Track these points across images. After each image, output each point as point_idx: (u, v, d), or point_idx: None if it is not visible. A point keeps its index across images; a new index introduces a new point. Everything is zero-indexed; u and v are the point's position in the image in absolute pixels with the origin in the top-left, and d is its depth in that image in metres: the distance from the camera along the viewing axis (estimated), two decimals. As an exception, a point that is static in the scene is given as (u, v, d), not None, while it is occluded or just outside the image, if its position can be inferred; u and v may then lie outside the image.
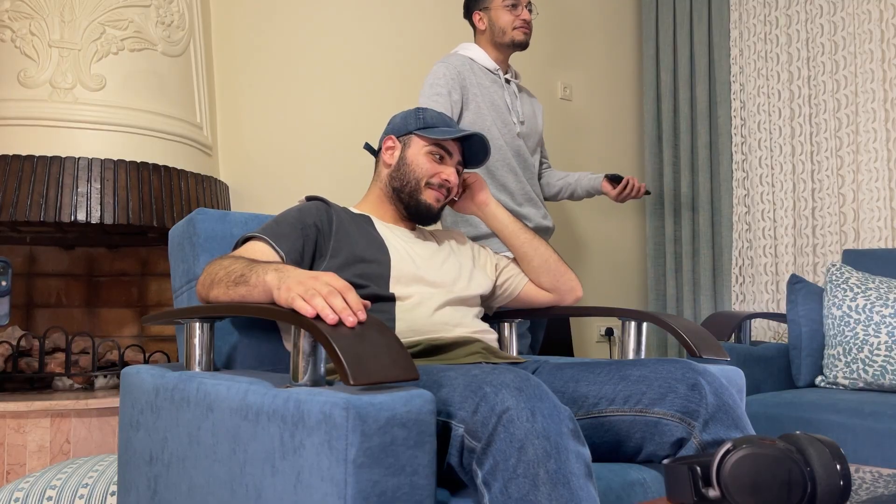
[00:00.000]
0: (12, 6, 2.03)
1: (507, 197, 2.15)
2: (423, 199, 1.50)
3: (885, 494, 0.95)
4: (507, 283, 1.63)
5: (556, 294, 1.64)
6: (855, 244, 2.76)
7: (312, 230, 1.38)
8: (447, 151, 1.52)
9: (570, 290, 1.64)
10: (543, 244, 1.64)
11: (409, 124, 1.53)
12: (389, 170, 1.53)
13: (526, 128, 2.22)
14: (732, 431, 1.11)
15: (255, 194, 2.51)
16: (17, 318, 2.28)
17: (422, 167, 1.50)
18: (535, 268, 1.62)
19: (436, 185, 1.50)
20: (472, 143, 1.55)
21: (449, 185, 1.51)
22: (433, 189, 1.50)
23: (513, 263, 1.67)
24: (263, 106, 2.55)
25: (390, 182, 1.53)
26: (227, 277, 1.14)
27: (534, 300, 1.65)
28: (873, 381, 2.11)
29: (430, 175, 1.50)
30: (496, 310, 1.69)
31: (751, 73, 3.11)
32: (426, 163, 1.50)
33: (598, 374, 1.23)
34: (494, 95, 2.15)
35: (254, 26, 2.55)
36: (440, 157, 1.51)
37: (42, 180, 1.93)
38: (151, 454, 1.23)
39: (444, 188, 1.51)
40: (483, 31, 2.20)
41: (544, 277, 1.62)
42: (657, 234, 3.36)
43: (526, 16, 2.17)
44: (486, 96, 2.14)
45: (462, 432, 0.94)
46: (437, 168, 1.51)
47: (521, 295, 1.64)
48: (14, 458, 1.86)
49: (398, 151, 1.53)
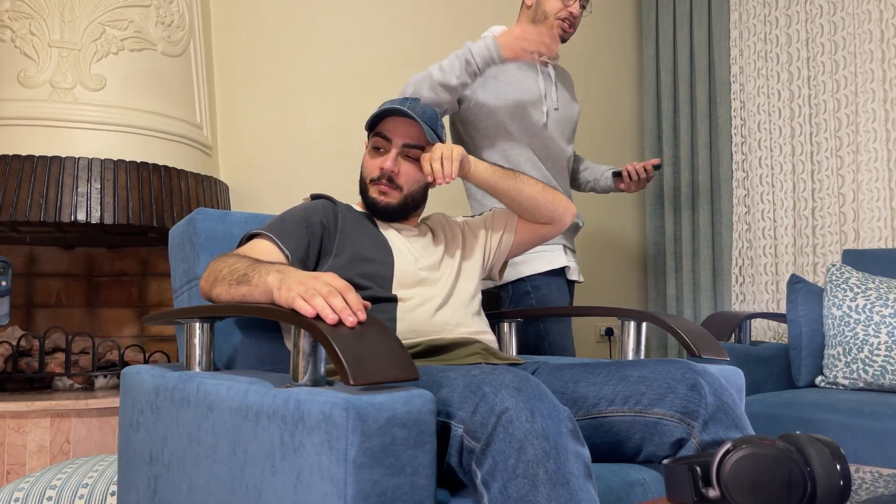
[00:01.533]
0: (12, 6, 2.03)
1: None
2: (370, 195, 1.47)
3: (885, 494, 0.95)
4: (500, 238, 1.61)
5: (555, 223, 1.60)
6: (855, 244, 2.76)
7: (318, 228, 1.38)
8: (385, 139, 1.46)
9: (565, 210, 1.59)
10: (527, 181, 1.57)
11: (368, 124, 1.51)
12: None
13: (560, 114, 2.06)
14: (732, 431, 1.11)
15: (255, 194, 2.51)
16: (17, 318, 2.28)
17: (365, 166, 1.49)
18: (526, 208, 1.57)
19: (376, 178, 1.46)
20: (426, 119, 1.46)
21: (384, 172, 1.45)
22: (376, 184, 1.46)
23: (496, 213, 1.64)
24: (263, 106, 2.55)
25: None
26: (230, 276, 1.14)
27: (534, 236, 1.62)
28: (873, 381, 2.11)
29: (371, 171, 1.47)
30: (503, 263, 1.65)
31: (751, 73, 3.11)
32: (368, 160, 1.49)
33: (597, 374, 1.23)
34: (523, 80, 1.99)
35: (254, 26, 2.55)
36: (379, 148, 1.47)
37: (42, 180, 1.93)
38: (151, 454, 1.23)
39: (384, 177, 1.45)
40: (528, 8, 2.04)
41: (537, 211, 1.58)
42: (657, 234, 3.36)
43: (575, 10, 2.00)
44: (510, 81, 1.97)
45: (461, 432, 0.94)
46: (376, 161, 1.47)
47: (518, 238, 1.62)
48: (14, 458, 1.86)
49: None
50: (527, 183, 1.56)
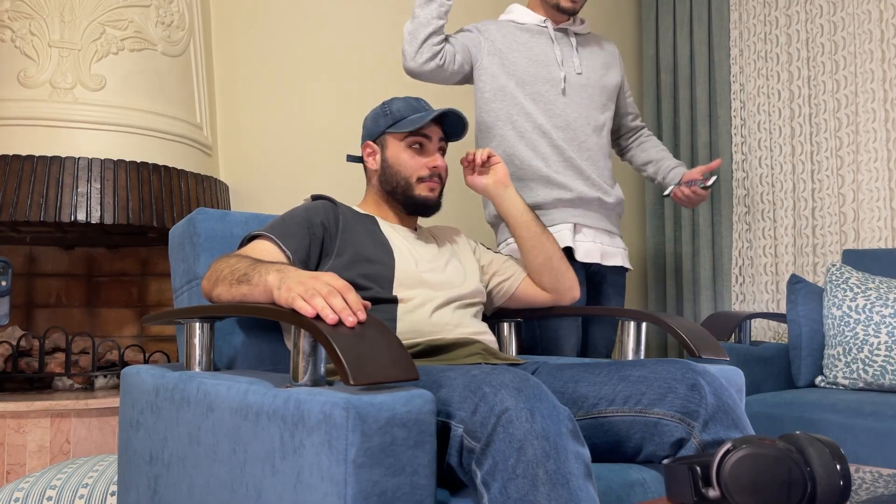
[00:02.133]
0: (12, 6, 2.03)
1: (541, 162, 1.94)
2: (418, 194, 1.50)
3: (885, 494, 0.95)
4: (501, 284, 1.63)
5: (555, 294, 1.62)
6: (855, 244, 2.76)
7: (319, 229, 1.38)
8: (425, 136, 1.50)
9: (569, 289, 1.63)
10: (551, 240, 1.61)
11: (380, 124, 1.52)
12: (377, 175, 1.53)
13: (585, 79, 2.00)
14: (732, 431, 1.11)
15: (255, 194, 2.51)
16: (17, 318, 2.28)
17: (406, 165, 1.49)
18: (539, 265, 1.60)
19: (426, 177, 1.49)
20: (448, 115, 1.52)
21: (438, 170, 1.50)
22: (425, 182, 1.50)
23: (510, 261, 1.67)
24: (263, 106, 2.55)
25: (382, 186, 1.53)
26: (230, 276, 1.14)
27: (531, 299, 1.64)
28: (873, 381, 2.11)
29: (418, 170, 1.49)
30: (493, 310, 1.68)
31: (751, 73, 3.11)
32: (409, 159, 1.49)
33: (597, 374, 1.23)
34: (534, 46, 1.97)
35: (254, 26, 2.55)
36: (420, 145, 1.50)
37: (42, 180, 1.93)
38: (151, 454, 1.23)
39: (436, 175, 1.51)
40: None
41: (545, 276, 1.61)
42: (657, 234, 3.36)
43: None
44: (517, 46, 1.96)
45: (461, 432, 0.94)
46: (422, 160, 1.50)
47: (518, 294, 1.63)
48: (14, 458, 1.86)
49: (378, 155, 1.53)
50: (551, 241, 1.61)
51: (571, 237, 1.93)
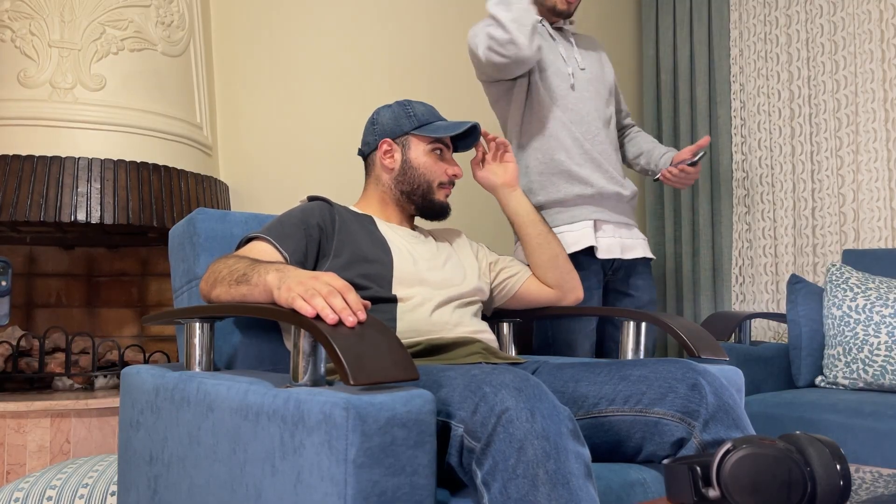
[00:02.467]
0: (12, 6, 2.03)
1: (564, 154, 1.94)
2: (437, 198, 1.54)
3: (885, 494, 0.95)
4: (504, 283, 1.64)
5: (559, 291, 1.65)
6: (855, 244, 2.76)
7: (316, 230, 1.38)
8: (445, 144, 1.56)
9: (573, 288, 1.66)
10: (556, 240, 1.66)
11: (403, 125, 1.53)
12: (393, 174, 1.53)
13: (589, 74, 2.02)
14: (732, 431, 1.11)
15: (255, 194, 2.51)
16: (17, 318, 2.28)
17: (430, 169, 1.53)
18: (544, 262, 1.63)
19: (446, 182, 1.55)
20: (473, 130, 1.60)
21: (457, 178, 1.56)
22: (445, 187, 1.55)
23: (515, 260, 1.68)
24: (263, 106, 2.55)
25: (396, 186, 1.53)
26: (229, 276, 1.14)
27: (534, 298, 1.65)
28: (873, 381, 2.11)
29: (440, 175, 1.54)
30: (494, 309, 1.69)
31: (751, 73, 3.11)
32: (433, 164, 1.53)
33: (598, 374, 1.23)
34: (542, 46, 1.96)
35: (254, 26, 2.55)
36: (440, 151, 1.55)
37: (42, 180, 1.93)
38: (151, 454, 1.23)
39: (451, 182, 1.57)
40: None
41: (550, 273, 1.63)
42: (657, 234, 3.36)
43: None
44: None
45: (461, 432, 0.94)
46: (444, 166, 1.55)
47: (521, 292, 1.64)
48: (14, 458, 1.86)
49: (398, 154, 1.53)
50: (555, 240, 1.66)
51: (593, 235, 1.93)
